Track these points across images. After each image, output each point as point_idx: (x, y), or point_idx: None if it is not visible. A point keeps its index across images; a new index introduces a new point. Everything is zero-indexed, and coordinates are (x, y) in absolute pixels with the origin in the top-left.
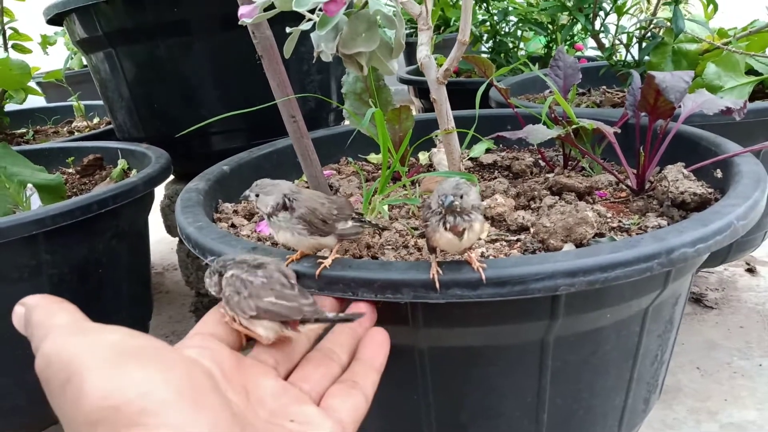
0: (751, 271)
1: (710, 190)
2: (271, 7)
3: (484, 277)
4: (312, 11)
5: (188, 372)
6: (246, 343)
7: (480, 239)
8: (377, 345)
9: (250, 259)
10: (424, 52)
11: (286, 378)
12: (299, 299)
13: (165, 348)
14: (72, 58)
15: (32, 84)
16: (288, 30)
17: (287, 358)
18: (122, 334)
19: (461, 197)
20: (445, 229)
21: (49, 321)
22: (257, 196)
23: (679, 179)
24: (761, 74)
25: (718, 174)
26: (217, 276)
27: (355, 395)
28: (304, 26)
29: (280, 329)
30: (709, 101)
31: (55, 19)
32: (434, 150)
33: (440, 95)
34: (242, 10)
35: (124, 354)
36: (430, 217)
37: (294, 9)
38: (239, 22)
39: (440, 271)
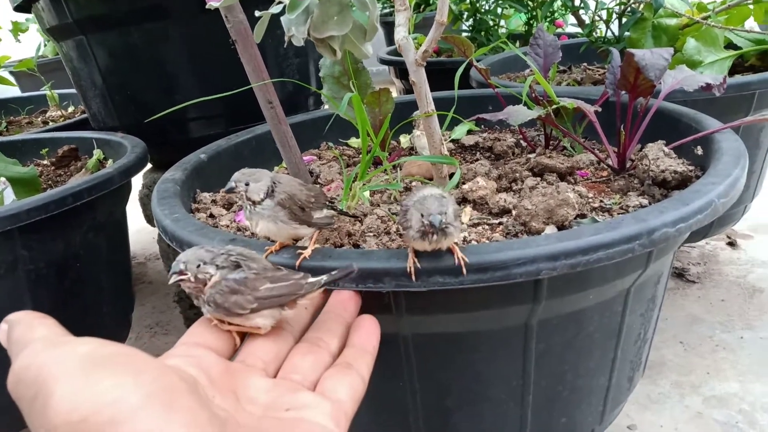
0: (732, 244)
1: (691, 168)
2: None
3: (465, 269)
4: None
5: (161, 375)
6: (239, 343)
7: (462, 223)
8: (367, 331)
9: (228, 251)
10: (401, 33)
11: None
12: (292, 276)
13: (137, 354)
14: (45, 45)
15: (4, 73)
16: (257, 14)
17: (275, 357)
18: (94, 344)
19: (444, 213)
20: (428, 243)
21: (26, 337)
22: (247, 185)
23: (659, 157)
24: (740, 48)
25: (699, 151)
26: (213, 268)
27: (350, 375)
28: (274, 9)
29: (278, 313)
30: (689, 78)
31: (23, 6)
32: (416, 132)
33: (419, 77)
34: None
35: (94, 363)
36: (410, 227)
37: None
38: (207, 6)
39: (416, 262)
